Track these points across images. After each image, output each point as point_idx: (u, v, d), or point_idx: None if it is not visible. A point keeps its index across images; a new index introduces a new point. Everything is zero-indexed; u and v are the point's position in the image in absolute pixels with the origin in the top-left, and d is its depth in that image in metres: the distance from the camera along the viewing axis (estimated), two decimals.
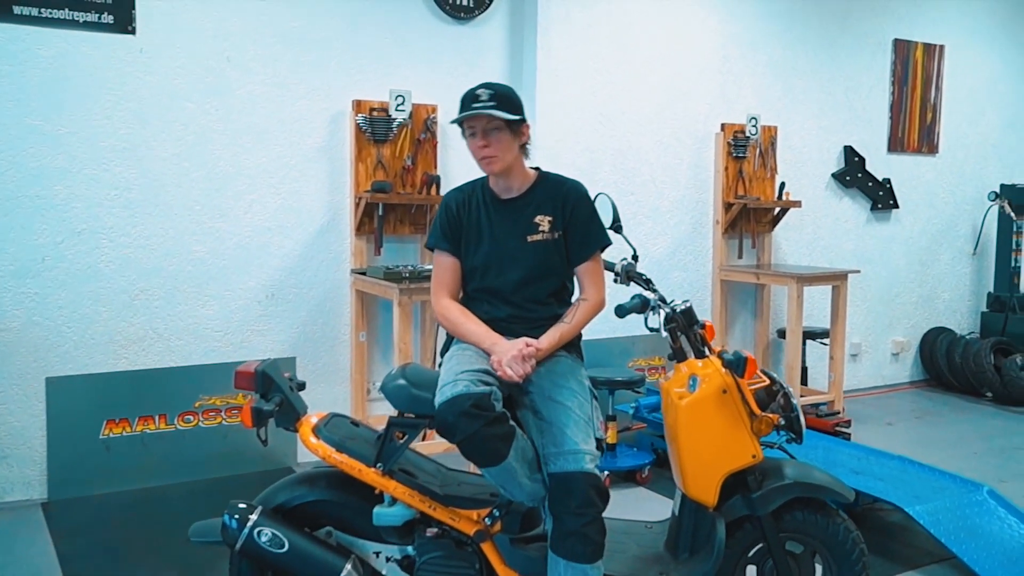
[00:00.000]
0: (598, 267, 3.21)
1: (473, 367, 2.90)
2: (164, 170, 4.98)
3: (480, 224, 3.19)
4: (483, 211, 3.19)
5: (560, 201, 3.16)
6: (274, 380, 3.03)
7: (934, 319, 7.98)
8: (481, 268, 3.18)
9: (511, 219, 3.17)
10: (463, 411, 2.75)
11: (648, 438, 5.47)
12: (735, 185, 6.60)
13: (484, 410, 2.77)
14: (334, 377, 5.54)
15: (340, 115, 5.42)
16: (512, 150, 3.10)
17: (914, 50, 7.52)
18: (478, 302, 3.21)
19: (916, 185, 7.71)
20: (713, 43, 6.55)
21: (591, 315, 3.17)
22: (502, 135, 3.05)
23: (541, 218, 3.15)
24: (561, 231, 3.15)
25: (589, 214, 3.21)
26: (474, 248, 3.19)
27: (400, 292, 4.86)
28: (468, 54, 5.77)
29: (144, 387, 4.95)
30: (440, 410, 2.80)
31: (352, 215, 5.44)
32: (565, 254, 3.17)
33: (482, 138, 3.05)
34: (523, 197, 3.18)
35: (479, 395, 2.77)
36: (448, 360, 3.07)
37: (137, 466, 4.92)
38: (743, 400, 3.08)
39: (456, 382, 2.81)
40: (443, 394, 2.82)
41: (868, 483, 4.35)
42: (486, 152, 3.05)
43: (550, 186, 3.20)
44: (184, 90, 5.00)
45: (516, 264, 3.14)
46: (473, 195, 3.23)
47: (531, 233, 3.14)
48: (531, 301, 3.15)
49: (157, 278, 5.00)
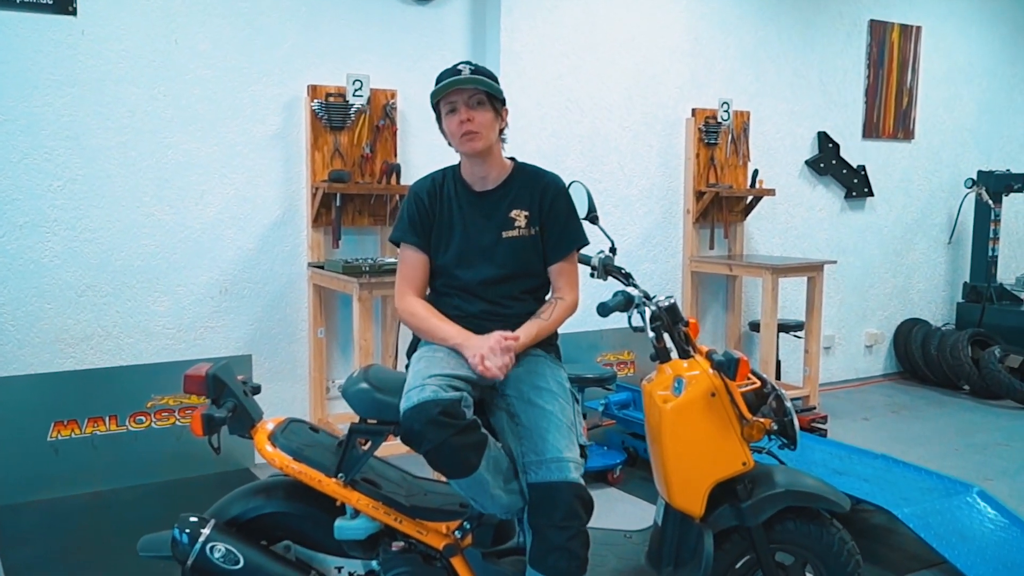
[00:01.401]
0: (574, 267, 3.05)
1: (442, 370, 2.70)
2: (110, 159, 4.76)
3: (452, 218, 2.99)
4: (455, 203, 3.00)
5: (538, 195, 2.98)
6: (226, 384, 2.83)
7: (909, 310, 7.87)
8: (452, 265, 2.98)
9: (485, 213, 2.98)
10: (430, 419, 2.55)
11: (619, 436, 5.31)
12: (706, 173, 6.43)
13: (453, 418, 2.57)
14: (292, 375, 5.34)
15: (295, 101, 5.19)
16: (494, 129, 2.93)
17: (890, 32, 7.38)
18: (447, 297, 3.02)
19: (891, 172, 7.59)
20: (683, 25, 6.37)
21: (567, 315, 3.00)
22: (485, 111, 2.88)
23: (517, 213, 2.97)
24: (537, 227, 2.97)
25: (567, 211, 3.03)
26: (445, 244, 2.99)
27: (360, 287, 4.65)
28: (429, 37, 5.55)
29: (93, 387, 4.77)
30: (406, 417, 2.60)
31: (309, 206, 5.23)
32: (541, 251, 2.99)
33: (465, 111, 2.85)
34: (498, 190, 3.00)
35: (448, 401, 2.57)
36: (416, 362, 2.86)
37: (87, 469, 4.75)
38: (733, 404, 2.89)
39: (423, 387, 2.61)
40: (409, 399, 2.61)
41: (852, 484, 4.19)
42: (469, 127, 2.86)
43: (527, 179, 3.02)
44: (130, 74, 4.77)
45: (489, 261, 2.95)
46: (444, 185, 3.04)
47: (506, 228, 2.96)
48: (505, 297, 2.97)
49: (105, 273, 4.80)
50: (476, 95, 2.88)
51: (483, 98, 2.89)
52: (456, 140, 2.90)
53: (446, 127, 2.92)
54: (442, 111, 2.92)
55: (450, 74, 2.88)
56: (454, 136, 2.90)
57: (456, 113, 2.87)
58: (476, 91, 2.87)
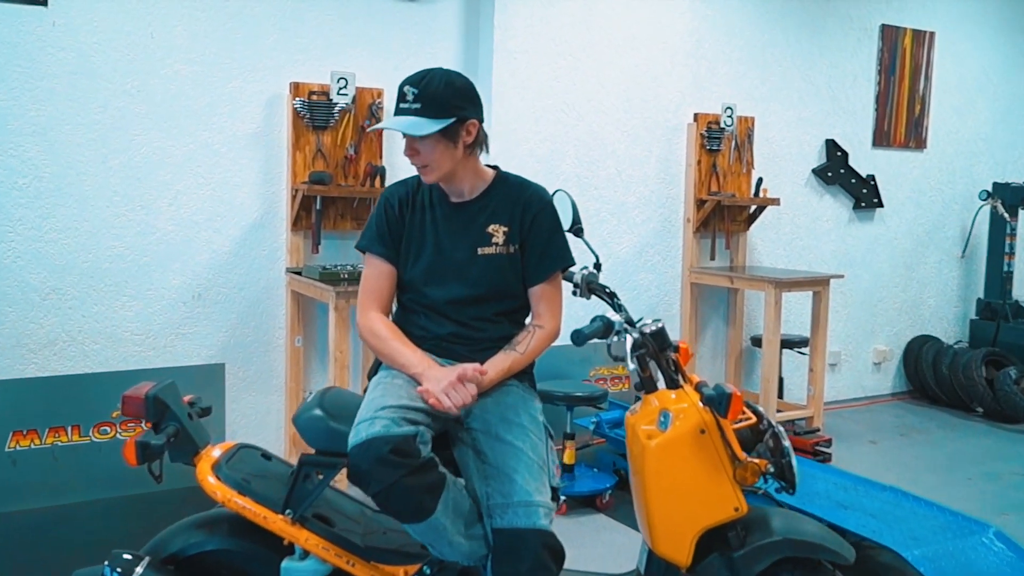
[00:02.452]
0: (556, 290, 2.79)
1: (398, 400, 2.45)
2: (79, 156, 4.53)
3: (424, 229, 2.75)
4: (428, 213, 2.76)
5: (520, 209, 2.73)
6: (169, 407, 2.61)
7: (919, 327, 7.58)
8: (420, 280, 2.73)
9: (460, 226, 2.73)
10: (379, 457, 2.31)
11: (610, 456, 5.05)
12: (708, 180, 6.17)
13: (406, 456, 2.33)
14: (267, 385, 5.10)
15: (276, 98, 4.95)
16: (449, 157, 2.63)
17: (902, 37, 7.10)
18: (415, 315, 2.77)
19: (902, 182, 7.30)
20: (686, 26, 6.10)
21: (545, 345, 2.74)
22: (433, 142, 2.59)
23: (495, 228, 2.72)
24: (517, 244, 2.72)
25: (551, 227, 2.78)
26: (414, 257, 2.75)
27: (337, 295, 4.42)
28: (418, 34, 5.30)
29: (55, 395, 4.53)
30: (352, 454, 2.37)
31: (288, 208, 4.98)
32: (520, 270, 2.74)
33: (408, 147, 2.62)
34: (476, 201, 2.75)
35: (400, 438, 2.33)
36: (372, 389, 2.62)
37: (47, 482, 4.51)
38: (724, 442, 2.64)
39: (373, 420, 2.37)
40: (357, 434, 2.38)
41: (858, 520, 3.88)
42: (416, 161, 2.63)
43: (509, 190, 2.77)
44: (102, 68, 4.54)
45: (462, 279, 2.71)
46: (419, 193, 2.79)
47: (482, 244, 2.71)
48: (477, 319, 2.72)
49: (71, 275, 4.57)
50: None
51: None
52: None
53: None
54: None
55: (397, 99, 2.61)
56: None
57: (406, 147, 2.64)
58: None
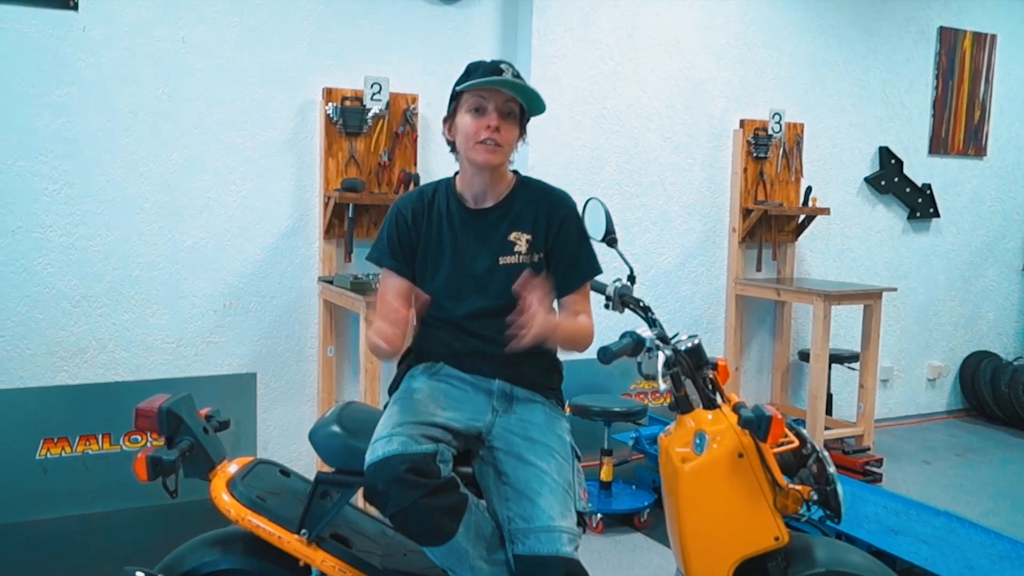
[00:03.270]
0: (587, 300, 2.63)
1: (417, 416, 2.33)
2: (109, 163, 4.49)
3: (441, 239, 2.60)
4: (446, 223, 2.60)
5: (544, 216, 2.58)
6: (183, 420, 2.52)
7: (976, 342, 7.29)
8: (441, 294, 2.58)
9: (480, 235, 2.58)
10: (396, 477, 2.19)
11: (649, 473, 4.91)
12: (755, 189, 5.99)
13: (424, 476, 2.21)
14: (299, 396, 5.02)
15: (309, 104, 4.87)
16: (513, 147, 2.54)
17: (962, 40, 6.85)
18: (436, 330, 2.62)
19: (960, 192, 7.03)
20: (732, 29, 5.93)
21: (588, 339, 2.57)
22: (514, 126, 2.50)
23: (517, 235, 2.56)
24: (542, 253, 2.57)
25: (578, 235, 2.63)
26: (431, 270, 2.60)
27: (367, 305, 4.30)
28: (454, 39, 5.19)
29: (86, 403, 4.51)
30: (369, 473, 2.25)
31: (321, 216, 4.90)
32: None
33: (498, 118, 2.46)
34: (497, 208, 2.59)
35: (417, 456, 2.21)
36: (393, 403, 2.50)
37: (78, 490, 4.50)
38: (764, 467, 2.48)
39: (391, 438, 2.25)
40: (374, 452, 2.26)
41: (910, 547, 3.73)
42: (495, 136, 2.45)
43: (531, 196, 2.62)
44: (133, 74, 4.49)
45: (482, 291, 2.55)
46: (435, 202, 2.63)
47: (504, 254, 2.55)
48: (501, 333, 2.49)
49: (101, 283, 4.52)
50: (512, 103, 2.49)
51: (516, 111, 2.50)
52: (470, 144, 2.48)
53: (463, 126, 2.50)
54: (463, 106, 2.50)
55: (489, 70, 2.47)
56: (469, 138, 2.47)
57: (483, 115, 2.46)
58: (513, 100, 2.49)
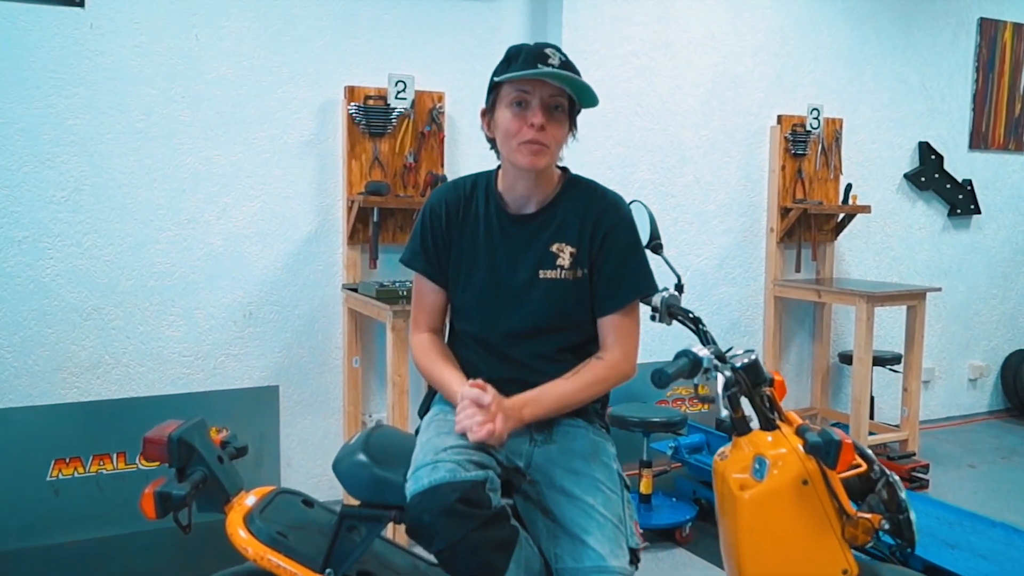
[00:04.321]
0: (631, 322, 2.35)
1: (460, 439, 2.10)
2: (121, 168, 4.29)
3: (476, 245, 2.34)
4: (483, 226, 2.34)
5: (589, 225, 2.30)
6: (196, 449, 2.30)
7: (1018, 340, 7.05)
8: (472, 309, 2.35)
9: (521, 244, 2.32)
10: (446, 508, 1.96)
11: (689, 484, 4.70)
12: (793, 187, 5.76)
13: (476, 506, 1.98)
14: (324, 408, 4.81)
15: (330, 104, 4.67)
16: (561, 146, 2.25)
17: (1002, 31, 6.60)
18: (465, 350, 2.40)
19: (1001, 187, 6.80)
20: (768, 22, 5.70)
21: (607, 381, 2.31)
22: (562, 123, 2.21)
23: (560, 247, 2.30)
24: (586, 269, 2.30)
25: (629, 247, 2.33)
26: (465, 278, 2.35)
27: (394, 315, 4.08)
28: (481, 34, 4.97)
29: (99, 421, 4.32)
30: (413, 505, 2.02)
31: (344, 221, 4.69)
32: (588, 298, 2.32)
33: (543, 115, 2.17)
34: (540, 214, 2.32)
35: (468, 484, 1.99)
36: (426, 427, 2.26)
37: (91, 512, 4.31)
38: (831, 494, 2.24)
39: (436, 465, 2.03)
40: (417, 481, 2.03)
41: (967, 562, 3.50)
42: (540, 136, 2.16)
43: (579, 201, 2.33)
44: (144, 73, 4.29)
45: (518, 309, 2.30)
46: (473, 199, 2.37)
47: (545, 267, 2.30)
48: (537, 357, 2.31)
49: (114, 294, 4.33)
50: (559, 97, 2.19)
51: (564, 104, 2.21)
52: (511, 145, 2.21)
53: (502, 122, 2.22)
54: (503, 99, 2.22)
55: (533, 56, 2.17)
56: (511, 137, 2.20)
57: (526, 110, 2.18)
58: (561, 92, 2.19)
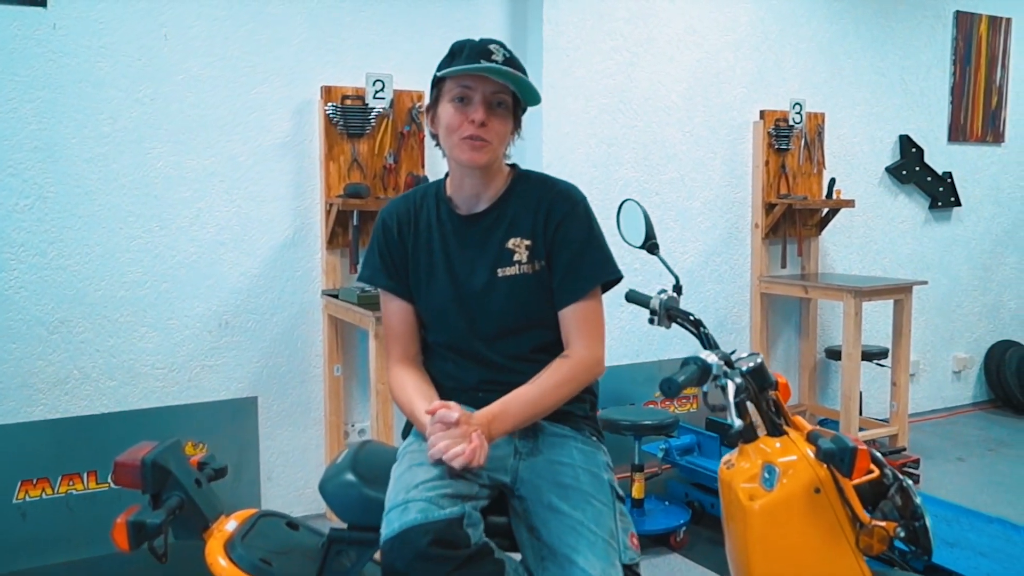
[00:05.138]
0: (592, 312, 2.20)
1: (432, 471, 1.96)
2: (87, 174, 4.12)
3: (432, 252, 2.24)
4: (436, 233, 2.25)
5: (543, 215, 2.20)
6: (172, 473, 2.18)
7: (1000, 331, 7.04)
8: (436, 316, 2.24)
9: (476, 244, 2.22)
10: (419, 553, 1.82)
11: (681, 487, 4.62)
12: (777, 182, 5.67)
13: (452, 547, 1.85)
14: (304, 419, 4.66)
15: (307, 104, 4.53)
16: (506, 142, 2.17)
17: (978, 23, 6.57)
18: (440, 360, 2.28)
19: (979, 179, 6.77)
20: (750, 16, 5.62)
21: (574, 380, 2.16)
22: (505, 119, 2.14)
23: (516, 242, 2.20)
24: (543, 261, 2.19)
25: (583, 234, 2.21)
26: (425, 287, 2.24)
27: (377, 321, 3.96)
28: (461, 31, 4.81)
29: (68, 439, 4.14)
30: (386, 551, 1.88)
31: (323, 225, 4.55)
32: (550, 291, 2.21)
33: (484, 111, 2.09)
34: (491, 211, 2.23)
35: (442, 524, 1.86)
36: (400, 459, 2.13)
37: (61, 536, 4.13)
38: (844, 502, 2.15)
39: (407, 506, 1.89)
40: (388, 525, 1.89)
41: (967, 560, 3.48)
42: (481, 132, 2.09)
43: (529, 193, 2.24)
44: (111, 75, 4.13)
45: (484, 310, 2.20)
46: (423, 208, 2.28)
47: (503, 264, 2.19)
48: (511, 358, 2.20)
49: (82, 306, 4.15)
50: (502, 93, 2.12)
51: (508, 100, 2.13)
52: (452, 140, 2.13)
53: (444, 118, 2.15)
54: (445, 94, 2.15)
55: (476, 52, 2.11)
56: (452, 133, 2.12)
57: (467, 106, 2.11)
58: (504, 88, 2.12)
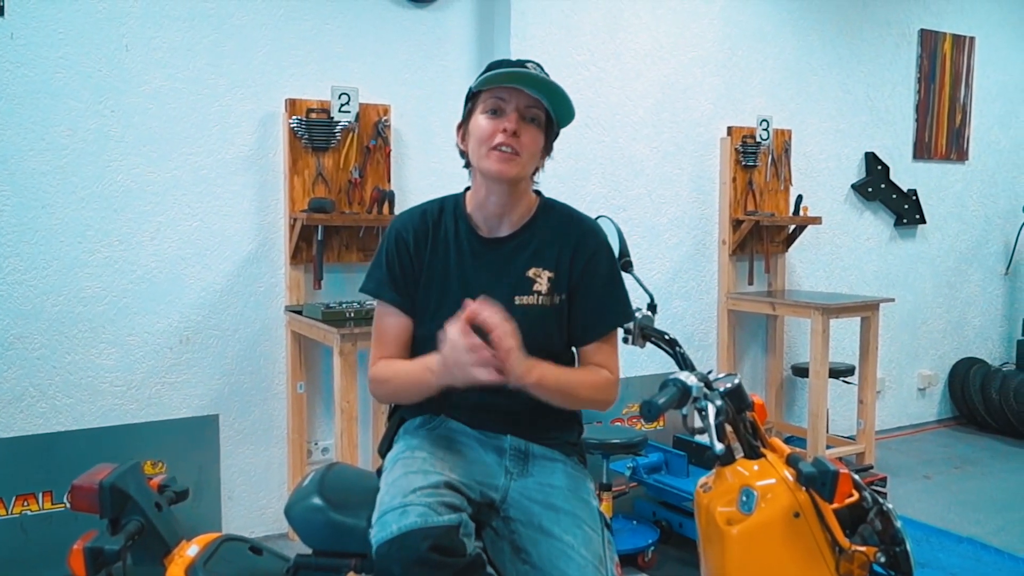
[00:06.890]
0: (613, 351, 2.22)
1: (430, 479, 1.92)
2: (45, 187, 4.02)
3: (448, 272, 2.18)
4: (453, 251, 2.19)
5: (569, 251, 2.18)
6: (131, 497, 2.12)
7: (964, 349, 7.07)
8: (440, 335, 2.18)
9: (495, 269, 2.18)
10: (417, 557, 1.78)
11: (649, 506, 4.55)
12: (744, 199, 5.66)
13: (450, 554, 1.80)
14: (267, 438, 4.57)
15: (271, 117, 4.45)
16: (536, 158, 2.13)
17: (942, 42, 6.61)
18: None
19: (944, 197, 6.81)
20: (717, 33, 5.62)
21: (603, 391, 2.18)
22: (537, 132, 2.09)
23: (537, 272, 2.16)
24: (564, 295, 2.17)
25: (609, 275, 2.22)
26: (435, 306, 2.17)
27: (342, 338, 3.88)
28: (427, 44, 4.80)
29: (23, 458, 4.02)
30: (381, 554, 1.83)
31: (287, 240, 4.47)
32: (564, 324, 2.18)
33: (515, 120, 2.06)
34: (515, 237, 2.19)
35: (441, 530, 1.81)
36: (392, 466, 2.07)
37: (15, 558, 4.01)
38: (823, 526, 2.10)
39: (405, 509, 1.84)
40: (385, 528, 1.84)
41: None
42: (512, 142, 2.05)
43: (556, 225, 2.21)
44: (69, 86, 4.04)
45: None
46: (441, 224, 2.21)
47: (521, 292, 2.16)
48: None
49: (37, 322, 4.04)
50: (536, 108, 2.09)
51: (541, 117, 2.10)
52: (482, 151, 2.09)
53: (475, 130, 2.11)
54: (478, 107, 2.13)
55: (513, 66, 2.11)
56: (482, 142, 2.08)
57: (500, 117, 2.08)
58: (538, 103, 2.09)
